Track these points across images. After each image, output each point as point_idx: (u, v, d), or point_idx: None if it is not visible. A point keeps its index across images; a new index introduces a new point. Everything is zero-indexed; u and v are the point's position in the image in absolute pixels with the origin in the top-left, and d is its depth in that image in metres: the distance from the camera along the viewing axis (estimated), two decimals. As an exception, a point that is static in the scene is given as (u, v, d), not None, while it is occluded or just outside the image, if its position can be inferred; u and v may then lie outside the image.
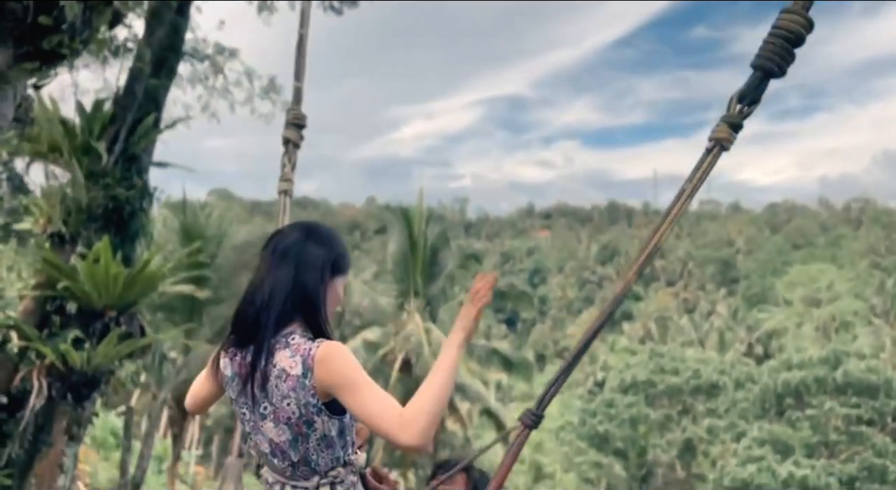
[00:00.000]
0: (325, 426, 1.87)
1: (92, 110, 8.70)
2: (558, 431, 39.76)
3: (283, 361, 1.84)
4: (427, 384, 1.81)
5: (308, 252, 1.96)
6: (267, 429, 1.89)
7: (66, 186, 8.50)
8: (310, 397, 1.83)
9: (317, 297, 1.93)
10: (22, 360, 8.21)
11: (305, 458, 1.90)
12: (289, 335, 1.89)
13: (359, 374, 1.81)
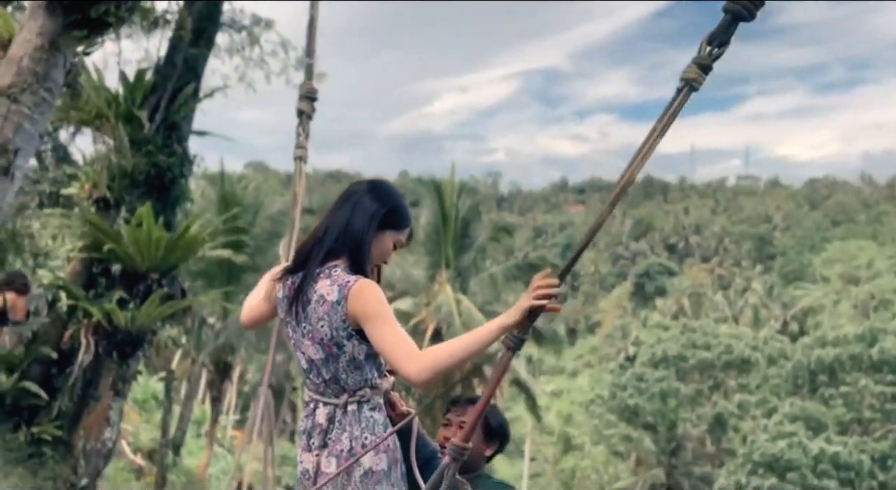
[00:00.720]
0: (354, 350, 2.09)
1: (134, 80, 9.00)
2: (588, 404, 39.96)
3: (323, 289, 2.09)
4: (451, 340, 2.04)
5: (364, 201, 2.22)
6: (306, 347, 2.13)
7: (111, 153, 8.83)
8: (340, 322, 2.06)
9: (362, 241, 2.17)
10: (70, 318, 8.62)
11: (335, 377, 2.13)
12: (333, 268, 2.14)
13: (385, 310, 2.05)
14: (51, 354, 8.39)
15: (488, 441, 2.74)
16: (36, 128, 4.71)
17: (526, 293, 2.00)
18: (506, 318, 1.98)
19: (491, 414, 2.74)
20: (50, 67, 4.69)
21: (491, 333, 1.98)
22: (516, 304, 2.00)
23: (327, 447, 2.13)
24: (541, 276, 1.98)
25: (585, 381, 52.62)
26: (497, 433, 2.76)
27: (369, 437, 2.12)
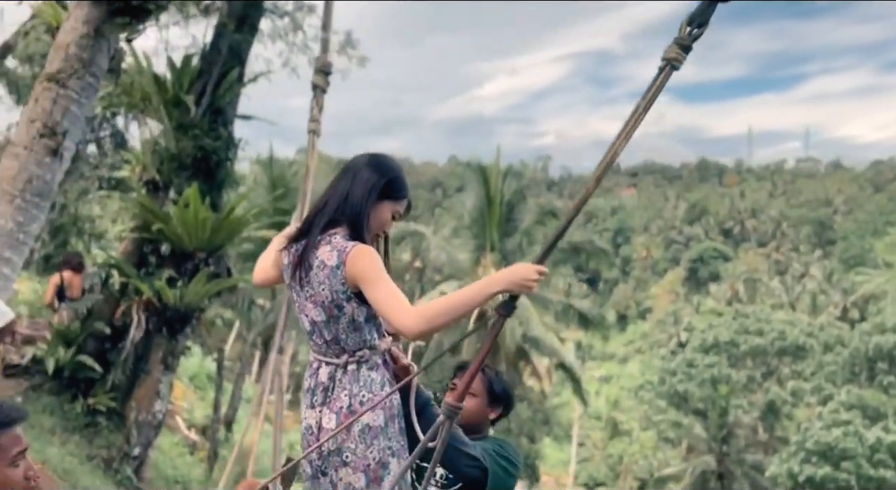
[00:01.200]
0: (353, 312, 2.22)
1: (181, 65, 9.29)
2: (637, 390, 39.67)
3: (323, 255, 2.22)
4: (443, 298, 2.14)
5: (364, 173, 2.34)
6: (308, 309, 2.27)
7: (159, 137, 9.16)
8: (340, 285, 2.19)
9: (360, 210, 2.29)
10: (122, 296, 9.03)
11: (336, 338, 2.26)
12: (333, 235, 2.27)
13: (379, 271, 2.17)
14: (104, 330, 8.79)
15: (492, 405, 2.83)
16: (82, 111, 4.97)
17: (513, 272, 2.08)
18: (494, 286, 2.08)
19: (495, 380, 2.84)
20: (95, 53, 4.94)
21: (479, 298, 2.09)
22: (504, 277, 2.09)
23: (328, 404, 2.26)
24: (534, 267, 2.08)
25: (636, 368, 52.19)
26: (500, 398, 2.85)
27: (367, 394, 2.24)
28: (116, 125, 20.55)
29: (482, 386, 2.81)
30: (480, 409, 2.79)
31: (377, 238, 2.38)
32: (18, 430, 1.79)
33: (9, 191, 4.79)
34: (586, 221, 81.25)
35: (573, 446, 37.38)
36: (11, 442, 1.76)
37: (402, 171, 2.42)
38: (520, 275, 2.07)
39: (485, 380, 2.82)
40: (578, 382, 23.55)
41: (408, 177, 2.41)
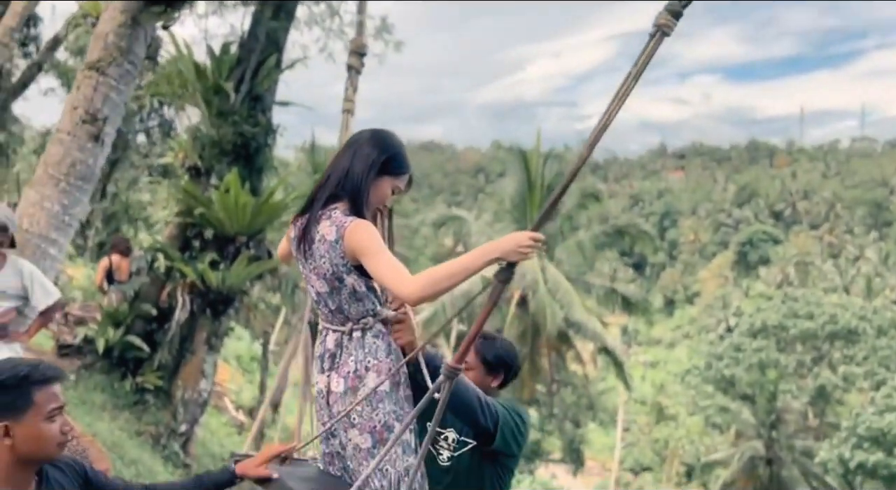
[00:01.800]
0: (354, 283, 2.31)
1: (220, 53, 9.51)
2: (684, 375, 39.21)
3: (324, 229, 2.31)
4: (442, 264, 2.20)
5: (364, 149, 2.40)
6: (313, 281, 2.38)
7: (200, 124, 9.41)
8: (339, 259, 2.28)
9: (360, 185, 2.35)
10: (168, 278, 9.34)
11: (340, 307, 2.35)
12: (333, 210, 2.34)
13: (377, 244, 2.24)
14: (151, 311, 9.11)
15: (490, 373, 2.85)
16: (121, 97, 5.18)
17: (508, 240, 2.12)
18: (499, 252, 2.11)
19: (486, 349, 2.85)
20: (132, 42, 5.14)
21: (476, 265, 2.13)
22: (499, 245, 2.12)
23: (336, 369, 2.36)
24: (530, 235, 2.11)
25: (683, 353, 51.52)
26: (496, 365, 2.85)
27: (372, 360, 2.34)
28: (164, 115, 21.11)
29: (475, 358, 2.83)
30: (480, 380, 2.80)
31: (378, 213, 2.46)
32: (56, 388, 1.89)
33: (54, 175, 5.03)
34: (632, 205, 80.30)
35: (618, 431, 37.18)
36: (47, 398, 1.86)
37: (403, 148, 2.46)
38: (514, 242, 2.11)
39: (476, 351, 2.83)
40: (621, 366, 23.38)
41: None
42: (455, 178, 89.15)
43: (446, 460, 2.76)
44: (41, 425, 1.84)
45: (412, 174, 2.50)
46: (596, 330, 22.45)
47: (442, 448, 2.79)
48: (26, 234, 4.89)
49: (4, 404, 1.81)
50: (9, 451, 1.82)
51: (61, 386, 1.93)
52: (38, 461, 1.90)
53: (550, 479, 35.39)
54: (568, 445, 35.63)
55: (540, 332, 22.38)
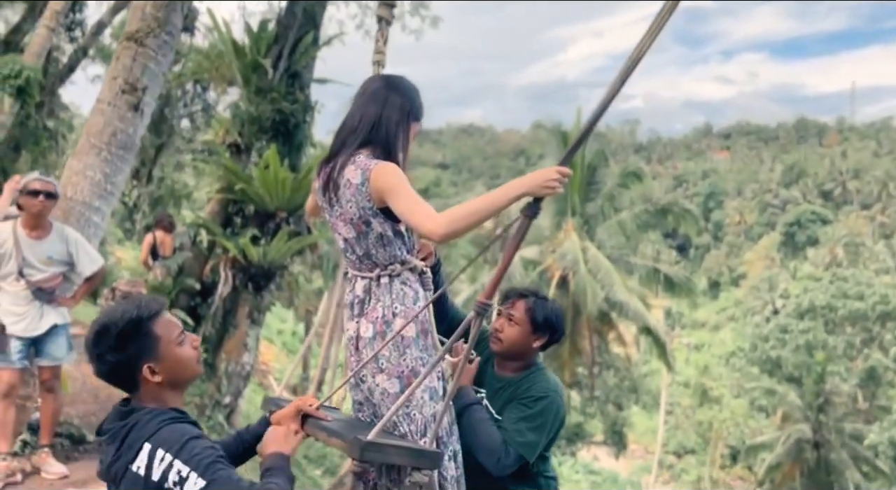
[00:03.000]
0: (381, 227, 2.31)
1: (258, 30, 9.59)
2: (728, 357, 38.62)
3: (349, 173, 2.31)
4: (468, 201, 2.19)
5: (392, 97, 2.43)
6: (339, 227, 2.39)
7: (239, 102, 9.52)
8: (365, 202, 2.28)
9: (395, 133, 2.39)
10: (210, 254, 9.52)
11: (367, 253, 2.36)
12: (358, 154, 2.35)
13: (403, 183, 2.24)
14: (195, 286, 9.30)
15: (535, 333, 2.80)
16: (160, 68, 5.27)
17: (534, 176, 2.12)
18: (527, 188, 2.11)
19: (538, 308, 2.81)
20: (169, 13, 5.22)
21: (502, 201, 2.13)
22: (525, 180, 2.12)
23: (365, 315, 2.38)
24: (557, 170, 2.11)
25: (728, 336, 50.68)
26: (543, 326, 2.80)
27: (400, 306, 2.35)
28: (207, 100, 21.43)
29: (524, 314, 2.78)
30: (524, 338, 2.78)
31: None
32: (168, 315, 1.97)
33: (96, 144, 5.14)
34: (676, 186, 78.99)
35: (661, 413, 36.84)
36: (167, 327, 1.93)
37: (416, 89, 2.51)
38: (541, 176, 2.11)
39: (526, 307, 2.80)
40: (664, 347, 23.12)
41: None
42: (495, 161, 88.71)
43: None
44: (175, 352, 1.93)
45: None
46: (638, 310, 22.19)
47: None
48: (70, 201, 5.03)
49: (136, 350, 1.88)
50: (160, 385, 1.92)
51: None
52: (187, 382, 2.02)
53: (592, 460, 35.29)
54: (610, 428, 35.43)
55: (580, 313, 22.24)
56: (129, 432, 1.85)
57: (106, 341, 1.88)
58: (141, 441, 1.83)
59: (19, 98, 10.65)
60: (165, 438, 1.82)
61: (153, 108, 5.63)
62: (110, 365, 1.90)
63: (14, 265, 4.60)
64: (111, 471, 1.87)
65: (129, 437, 1.85)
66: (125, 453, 1.84)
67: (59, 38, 14.43)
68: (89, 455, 5.19)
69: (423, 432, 2.30)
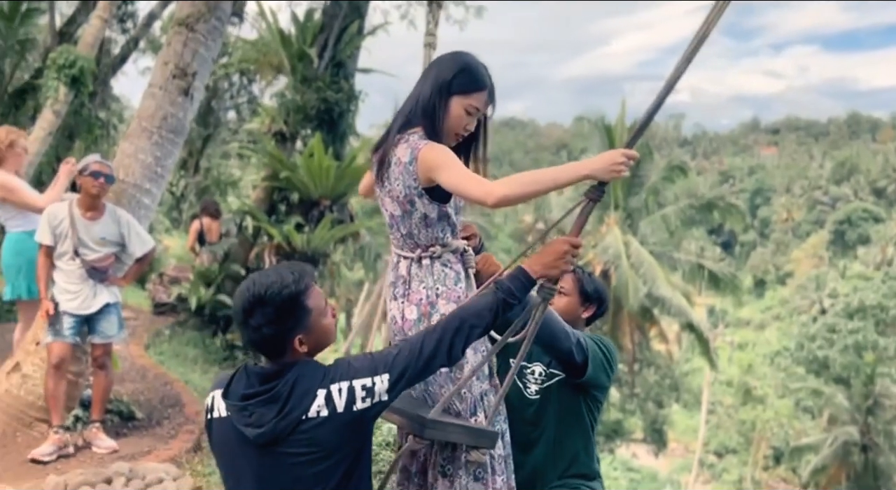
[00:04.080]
0: (425, 208, 2.30)
1: (304, 20, 9.69)
2: (774, 356, 37.87)
3: (399, 152, 2.31)
4: (528, 171, 2.16)
5: (435, 69, 2.39)
6: (387, 204, 2.39)
7: (285, 91, 9.63)
8: (412, 181, 2.27)
9: (430, 108, 2.33)
10: (255, 240, 9.67)
11: (410, 232, 2.36)
12: (411, 134, 2.34)
13: (452, 159, 2.22)
14: (240, 271, 9.46)
15: (584, 304, 2.89)
16: (209, 53, 5.36)
17: (601, 158, 2.09)
18: (592, 170, 2.07)
19: (587, 280, 2.89)
20: (219, -2, 5.32)
21: (566, 178, 2.10)
22: (591, 163, 2.09)
23: (408, 297, 2.37)
24: (623, 152, 2.08)
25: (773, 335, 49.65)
26: (593, 297, 2.90)
27: (442, 288, 2.34)
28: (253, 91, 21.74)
29: (573, 285, 2.86)
30: (573, 308, 2.84)
31: (456, 137, 2.39)
32: (317, 288, 2.02)
33: (147, 128, 5.26)
34: (722, 182, 77.56)
35: (702, 411, 36.33)
36: (316, 300, 1.98)
37: (476, 64, 2.37)
38: (607, 159, 2.08)
39: (575, 279, 2.87)
40: (707, 343, 22.74)
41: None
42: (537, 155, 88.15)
43: (534, 394, 2.76)
44: (322, 323, 2.00)
45: (493, 92, 2.39)
46: (681, 306, 21.87)
47: (529, 382, 2.79)
48: (122, 184, 5.15)
49: (292, 324, 1.93)
50: (305, 354, 1.98)
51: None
52: (324, 348, 2.07)
53: (631, 458, 34.97)
54: (650, 426, 35.09)
55: (622, 308, 22.02)
56: (293, 388, 1.89)
57: (263, 314, 1.91)
58: (314, 391, 1.89)
59: (73, 87, 10.88)
60: (334, 376, 1.91)
61: (202, 94, 5.74)
62: (264, 336, 1.93)
63: (70, 244, 4.73)
64: (277, 429, 1.88)
65: (294, 393, 1.88)
66: (295, 408, 1.87)
67: (112, 29, 14.76)
68: (138, 431, 5.32)
69: (474, 411, 2.30)
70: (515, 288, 2.11)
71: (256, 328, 1.93)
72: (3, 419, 4.94)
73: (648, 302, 22.12)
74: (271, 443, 1.90)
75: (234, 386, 1.99)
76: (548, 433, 2.71)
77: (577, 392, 2.71)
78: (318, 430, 1.88)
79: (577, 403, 2.72)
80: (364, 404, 1.90)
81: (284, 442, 1.89)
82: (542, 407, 2.73)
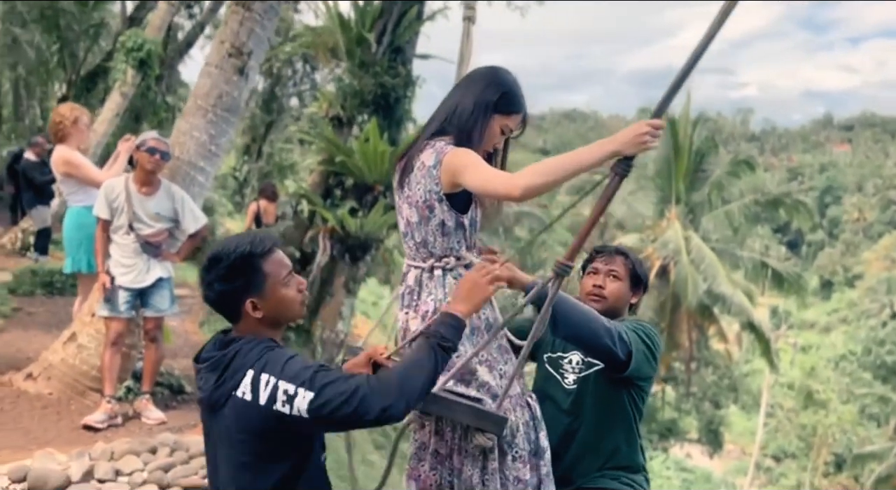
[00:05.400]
0: (444, 214, 2.23)
1: (364, 5, 9.68)
2: (839, 360, 36.59)
3: (424, 156, 2.24)
4: (550, 158, 2.08)
5: (476, 85, 2.32)
6: (404, 210, 2.31)
7: (342, 75, 9.66)
8: (433, 185, 2.19)
9: (470, 122, 2.26)
10: (311, 223, 9.76)
11: (425, 240, 2.28)
12: (439, 141, 2.27)
13: (479, 160, 2.14)
14: (294, 254, 9.56)
15: (633, 289, 2.79)
16: (265, 32, 5.38)
17: (625, 132, 1.98)
18: (618, 146, 1.98)
19: (638, 263, 2.81)
20: (276, -23, 5.34)
21: (591, 158, 2.00)
22: (616, 137, 1.99)
23: (415, 308, 2.30)
24: (649, 122, 1.97)
25: (839, 339, 47.93)
26: (641, 281, 2.81)
27: None
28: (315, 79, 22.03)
29: (626, 269, 2.77)
30: (624, 293, 2.76)
31: (484, 154, 2.30)
32: (279, 255, 2.00)
33: (202, 106, 5.32)
34: (791, 179, 75.12)
35: (761, 413, 35.36)
36: (276, 266, 1.97)
37: (518, 86, 2.33)
38: (632, 132, 1.97)
39: (628, 262, 2.78)
40: (767, 343, 22.07)
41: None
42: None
43: (572, 383, 2.68)
44: (280, 292, 1.97)
45: (526, 116, 2.35)
46: (742, 304, 21.25)
47: (567, 371, 2.71)
48: (177, 161, 5.23)
49: (243, 284, 1.93)
50: (260, 321, 1.96)
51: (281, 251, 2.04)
52: (287, 322, 2.06)
53: (685, 458, 34.29)
54: (706, 426, 34.37)
55: (680, 305, 21.54)
56: (231, 360, 1.89)
57: (216, 270, 1.93)
58: (245, 368, 1.86)
59: (140, 70, 11.18)
60: (267, 363, 1.85)
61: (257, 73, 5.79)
62: (217, 293, 1.95)
63: (125, 219, 4.83)
64: (213, 397, 1.90)
65: (231, 365, 1.88)
66: (228, 380, 1.87)
67: (179, 15, 15.11)
68: (186, 405, 5.42)
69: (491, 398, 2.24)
70: (447, 333, 2.00)
71: (209, 284, 1.95)
72: (59, 387, 5.10)
73: (708, 299, 21.57)
74: (212, 408, 1.92)
75: (204, 350, 2.02)
76: (587, 424, 2.61)
77: (618, 382, 2.60)
78: (244, 411, 1.85)
79: (617, 393, 2.62)
80: (284, 408, 1.81)
81: (222, 411, 1.90)
82: (580, 397, 2.63)
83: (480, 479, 2.21)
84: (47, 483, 3.56)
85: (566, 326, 2.36)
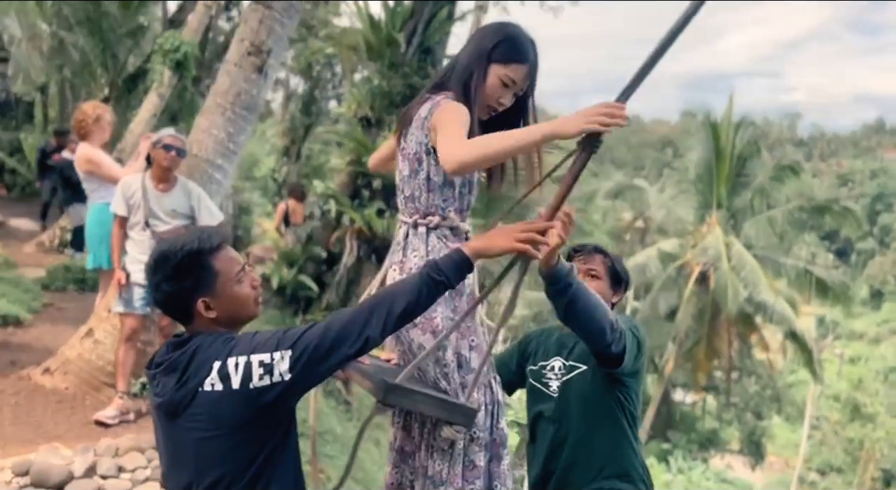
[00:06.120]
0: (430, 168, 2.16)
1: (394, 5, 9.67)
2: (888, 373, 35.46)
3: (422, 109, 2.20)
4: (495, 133, 1.97)
5: (472, 41, 2.29)
6: (399, 163, 2.27)
7: (372, 76, 9.66)
8: (423, 136, 2.15)
9: (467, 73, 2.20)
10: (338, 224, 9.77)
11: (412, 195, 2.22)
12: (439, 95, 2.22)
13: (457, 121, 2.04)
14: (321, 254, 9.60)
15: (614, 288, 2.70)
16: (285, 31, 5.37)
17: (584, 112, 1.88)
18: (559, 126, 1.88)
19: (617, 261, 2.73)
20: (296, -26, 5.33)
21: (534, 137, 1.90)
22: (573, 117, 1.88)
23: (400, 263, 2.25)
24: (607, 104, 1.88)
25: (889, 350, 46.46)
26: (622, 280, 2.72)
27: None
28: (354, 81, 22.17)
29: (604, 267, 2.68)
30: (605, 292, 2.65)
31: (489, 110, 2.24)
32: (230, 251, 1.92)
33: (221, 104, 5.33)
34: (840, 185, 73.20)
35: (805, 425, 34.43)
36: (227, 263, 1.89)
37: (522, 36, 2.22)
38: (592, 111, 1.87)
39: (607, 260, 2.70)
40: (811, 354, 21.43)
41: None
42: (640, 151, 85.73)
43: (555, 391, 2.59)
44: (233, 289, 1.89)
45: (535, 69, 2.22)
46: (784, 313, 20.69)
47: (550, 379, 2.63)
48: (195, 159, 5.25)
49: (192, 283, 1.86)
50: (214, 321, 1.89)
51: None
52: (243, 321, 1.97)
53: (725, 469, 33.58)
54: (747, 437, 33.68)
55: (719, 312, 21.07)
56: (192, 357, 1.81)
57: (163, 270, 1.85)
58: (211, 361, 1.78)
59: (177, 71, 11.33)
60: (234, 347, 1.79)
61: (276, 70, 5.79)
62: (166, 294, 1.87)
63: (141, 215, 4.85)
64: (174, 400, 1.81)
65: (193, 362, 1.80)
66: (192, 378, 1.78)
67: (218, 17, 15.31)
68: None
69: (459, 394, 2.17)
70: (443, 265, 1.90)
71: (157, 285, 1.87)
72: (75, 382, 5.15)
73: (750, 307, 21.05)
74: (173, 413, 1.82)
75: (157, 355, 1.93)
76: (574, 431, 2.51)
77: (602, 383, 2.50)
78: (216, 405, 1.76)
79: (603, 396, 2.50)
80: (262, 382, 1.73)
81: (185, 413, 1.80)
82: (564, 402, 2.54)
83: (450, 472, 2.14)
84: (49, 478, 3.57)
85: (582, 309, 2.25)
